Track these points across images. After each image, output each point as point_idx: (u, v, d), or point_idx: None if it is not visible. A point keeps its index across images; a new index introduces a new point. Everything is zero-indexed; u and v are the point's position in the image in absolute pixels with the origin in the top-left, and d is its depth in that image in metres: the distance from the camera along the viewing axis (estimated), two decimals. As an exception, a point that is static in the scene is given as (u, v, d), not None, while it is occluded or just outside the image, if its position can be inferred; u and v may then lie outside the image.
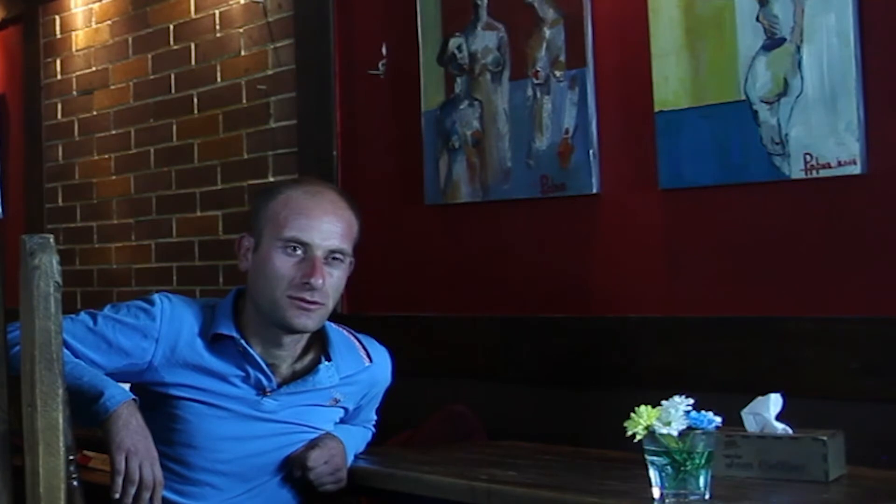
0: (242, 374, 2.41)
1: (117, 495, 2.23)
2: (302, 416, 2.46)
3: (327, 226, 2.39)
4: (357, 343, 2.57)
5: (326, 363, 2.46)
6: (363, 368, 2.54)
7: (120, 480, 2.22)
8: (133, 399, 2.28)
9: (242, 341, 2.40)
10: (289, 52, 3.84)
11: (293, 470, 2.44)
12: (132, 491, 2.23)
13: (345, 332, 2.57)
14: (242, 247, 2.45)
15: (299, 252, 2.37)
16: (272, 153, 3.91)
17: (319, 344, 2.49)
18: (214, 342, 2.42)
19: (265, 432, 2.43)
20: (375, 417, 2.69)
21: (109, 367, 2.37)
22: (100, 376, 2.31)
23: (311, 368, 2.46)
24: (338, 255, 2.40)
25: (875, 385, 2.44)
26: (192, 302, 2.49)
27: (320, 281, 2.35)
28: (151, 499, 2.24)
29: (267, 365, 2.42)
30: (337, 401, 2.50)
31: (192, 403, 2.40)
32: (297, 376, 2.45)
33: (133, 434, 2.24)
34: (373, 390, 2.59)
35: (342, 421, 2.56)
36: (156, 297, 2.45)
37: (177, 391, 2.40)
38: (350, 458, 2.51)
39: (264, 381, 2.42)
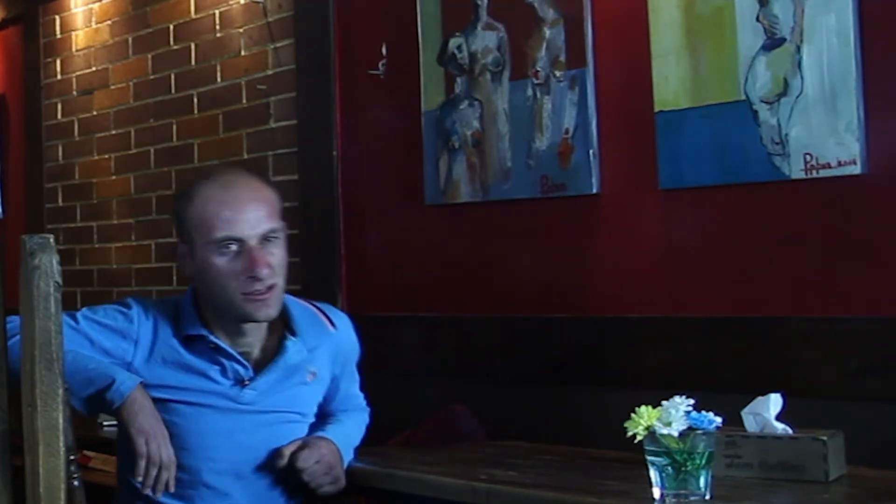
0: (219, 367, 2.43)
1: (141, 478, 2.30)
2: (284, 402, 2.46)
3: (252, 214, 2.38)
4: (317, 311, 2.58)
5: (293, 339, 2.46)
6: (327, 335, 2.54)
7: (143, 464, 2.30)
8: (141, 381, 2.33)
9: (212, 337, 2.43)
10: (289, 52, 3.84)
11: (277, 461, 2.42)
12: (154, 472, 2.30)
13: (304, 303, 2.58)
14: (179, 254, 2.47)
15: (234, 247, 2.37)
16: (272, 153, 3.91)
17: (281, 319, 2.48)
18: (187, 342, 2.45)
19: (250, 424, 2.43)
20: (361, 394, 2.67)
21: None
22: (105, 363, 2.36)
23: (280, 346, 2.46)
24: (271, 236, 2.40)
25: (875, 385, 2.45)
26: (160, 302, 2.54)
27: (265, 270, 2.36)
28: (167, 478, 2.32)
29: (240, 355, 2.43)
30: (314, 374, 2.50)
31: (176, 405, 2.41)
32: (268, 359, 2.45)
33: (149, 416, 2.31)
34: (341, 356, 2.58)
35: (326, 403, 2.55)
36: (129, 300, 2.50)
37: (159, 393, 2.41)
38: (349, 454, 2.51)
39: (242, 372, 2.43)
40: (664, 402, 2.01)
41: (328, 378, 2.56)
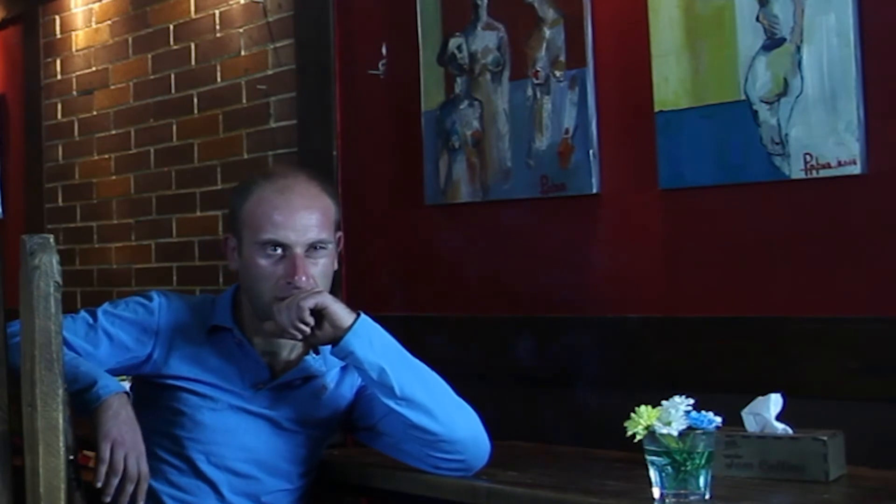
0: (237, 366, 2.42)
1: (99, 484, 2.19)
2: (294, 412, 2.44)
3: (302, 221, 2.35)
4: None
5: (315, 356, 2.46)
6: None
7: (103, 469, 2.18)
8: (126, 393, 2.27)
9: (238, 333, 2.42)
10: (289, 52, 3.84)
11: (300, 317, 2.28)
12: (115, 482, 2.19)
13: None
14: (228, 247, 2.46)
15: (279, 251, 2.35)
16: (272, 153, 3.91)
17: None
18: (212, 334, 2.44)
19: (256, 428, 2.42)
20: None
21: (111, 361, 2.39)
22: (96, 368, 2.31)
23: (301, 358, 2.45)
24: (319, 245, 2.37)
25: (875, 385, 2.44)
26: (189, 297, 2.53)
27: (303, 279, 2.32)
28: (135, 492, 2.20)
29: (263, 359, 2.42)
30: (327, 388, 2.46)
31: (188, 395, 2.41)
32: (288, 367, 2.44)
33: (121, 424, 2.21)
34: None
35: (368, 415, 2.46)
36: (153, 293, 2.49)
37: (174, 382, 2.41)
38: (367, 321, 2.33)
39: (259, 375, 2.42)
40: (664, 402, 2.01)
41: (349, 392, 2.51)
